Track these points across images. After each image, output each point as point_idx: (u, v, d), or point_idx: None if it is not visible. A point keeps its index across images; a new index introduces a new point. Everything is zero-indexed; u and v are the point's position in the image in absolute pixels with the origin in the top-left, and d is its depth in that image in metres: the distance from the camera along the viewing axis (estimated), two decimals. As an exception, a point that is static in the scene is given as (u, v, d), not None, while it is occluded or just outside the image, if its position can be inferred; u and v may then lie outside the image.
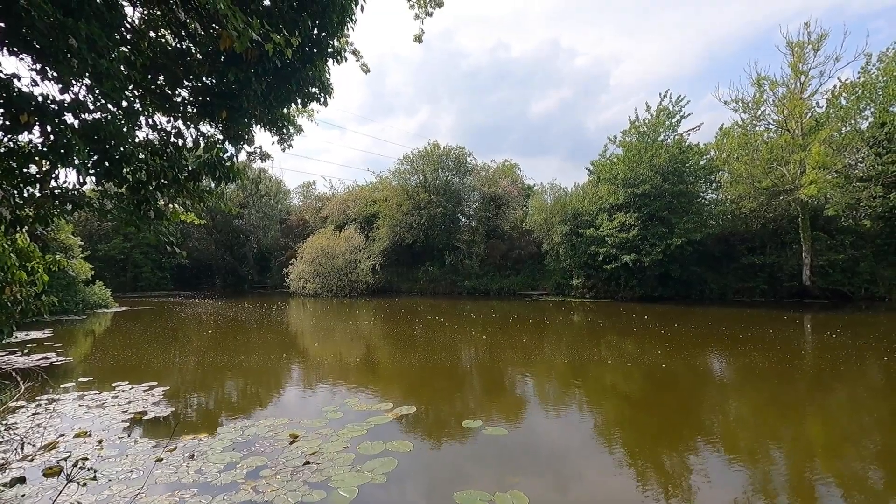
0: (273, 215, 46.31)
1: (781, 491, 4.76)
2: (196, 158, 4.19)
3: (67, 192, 3.53)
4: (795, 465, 5.42)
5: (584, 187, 30.37)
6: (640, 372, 9.86)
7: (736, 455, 5.68)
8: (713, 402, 8.12)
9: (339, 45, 4.50)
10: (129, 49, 3.90)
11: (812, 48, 22.90)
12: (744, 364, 10.51)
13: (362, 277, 34.18)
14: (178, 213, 4.26)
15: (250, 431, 6.36)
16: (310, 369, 11.06)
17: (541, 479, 5.02)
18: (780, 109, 24.16)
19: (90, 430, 6.44)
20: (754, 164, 24.26)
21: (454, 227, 36.41)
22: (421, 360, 11.55)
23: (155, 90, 4.30)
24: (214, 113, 4.17)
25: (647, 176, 24.99)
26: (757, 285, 24.99)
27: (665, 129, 26.35)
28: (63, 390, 8.51)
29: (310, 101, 4.44)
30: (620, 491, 4.81)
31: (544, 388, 9.20)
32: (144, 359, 11.61)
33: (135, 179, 3.77)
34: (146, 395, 8.22)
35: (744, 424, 6.99)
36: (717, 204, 28.10)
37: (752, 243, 26.05)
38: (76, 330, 17.29)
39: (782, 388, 8.61)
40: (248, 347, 13.49)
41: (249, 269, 45.46)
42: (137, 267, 41.02)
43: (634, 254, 24.69)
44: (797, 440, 6.28)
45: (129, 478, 4.95)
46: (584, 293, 28.37)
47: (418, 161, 36.52)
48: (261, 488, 4.68)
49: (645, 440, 6.30)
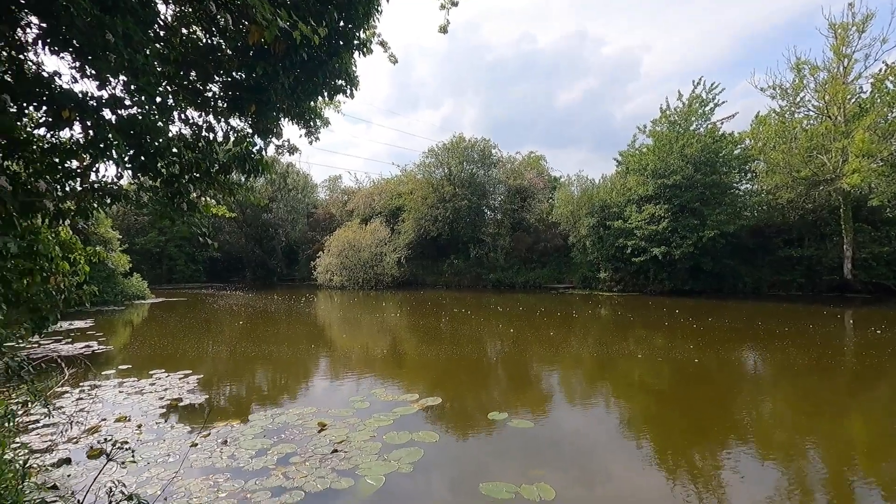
0: (300, 209, 47.15)
1: (818, 491, 4.59)
2: (226, 152, 4.28)
3: (106, 185, 3.66)
4: (834, 464, 5.22)
5: (611, 178, 29.80)
6: (670, 367, 9.65)
7: (771, 453, 5.50)
8: (748, 398, 7.88)
9: (366, 37, 4.49)
10: (162, 45, 3.99)
11: (856, 30, 21.79)
12: (780, 360, 10.16)
13: (388, 270, 34.47)
14: (210, 206, 4.37)
15: (280, 419, 6.51)
16: (337, 360, 11.24)
17: (567, 473, 4.98)
18: (822, 95, 23.10)
19: (130, 415, 6.72)
20: (792, 153, 23.29)
21: (479, 220, 36.31)
22: (446, 352, 11.59)
23: (187, 86, 4.40)
24: (244, 107, 4.24)
25: (679, 166, 24.33)
26: (794, 279, 24.10)
27: (698, 118, 25.56)
28: (104, 377, 8.89)
29: (336, 93, 4.46)
30: (649, 487, 4.73)
31: (571, 382, 9.11)
32: (180, 348, 12.02)
33: (169, 173, 3.88)
34: (181, 382, 8.51)
35: (780, 422, 6.76)
36: (751, 195, 27.17)
37: (788, 235, 25.11)
38: (116, 320, 18.02)
39: (821, 386, 8.29)
40: (277, 338, 13.80)
41: (278, 262, 46.46)
42: (172, 260, 42.50)
43: (664, 246, 24.12)
44: (836, 439, 6.04)
45: (167, 461, 5.15)
46: (612, 286, 27.92)
47: (443, 154, 36.48)
48: (291, 474, 4.80)
49: (675, 436, 6.17)
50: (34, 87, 3.22)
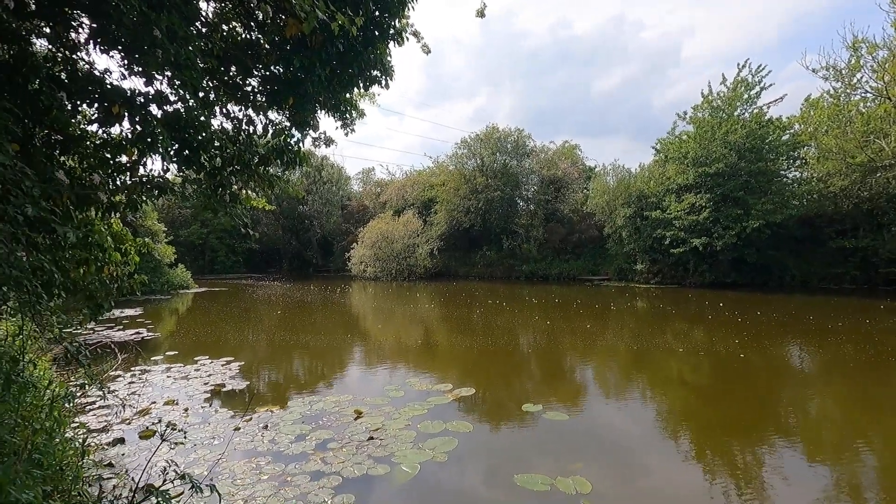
0: (335, 201, 47.93)
1: (869, 496, 4.36)
2: (265, 144, 4.38)
3: (153, 178, 3.81)
4: (887, 466, 4.93)
5: (649, 168, 28.90)
6: (712, 362, 9.34)
7: (818, 454, 5.26)
8: (795, 396, 7.55)
9: (400, 26, 4.48)
10: (204, 41, 4.09)
11: (922, 3, 20.19)
12: (832, 356, 9.67)
13: (420, 261, 34.68)
14: (251, 198, 4.49)
15: (318, 406, 6.68)
16: (372, 349, 11.42)
17: (603, 467, 4.91)
18: (881, 75, 21.55)
19: (177, 398, 7.04)
20: (847, 138, 21.91)
21: (512, 211, 35.99)
22: (479, 343, 11.59)
23: (227, 81, 4.51)
24: (282, 100, 4.32)
25: (721, 154, 23.32)
26: (847, 271, 22.82)
27: (742, 103, 24.37)
28: (153, 362, 9.34)
29: (371, 84, 4.48)
30: (687, 484, 4.61)
31: (606, 376, 8.95)
32: (222, 336, 12.48)
33: (211, 165, 4.01)
34: (224, 369, 8.84)
35: (829, 421, 6.45)
36: (800, 183, 25.74)
37: (841, 225, 23.72)
38: (162, 308, 18.88)
39: (876, 384, 7.84)
40: (314, 327, 14.14)
41: (314, 254, 47.50)
42: (213, 251, 44.13)
43: (705, 237, 23.25)
44: (891, 440, 5.71)
45: (212, 444, 5.37)
46: (649, 278, 27.18)
47: (476, 145, 36.25)
48: (329, 459, 4.92)
49: (716, 433, 5.98)
50: (87, 85, 3.37)
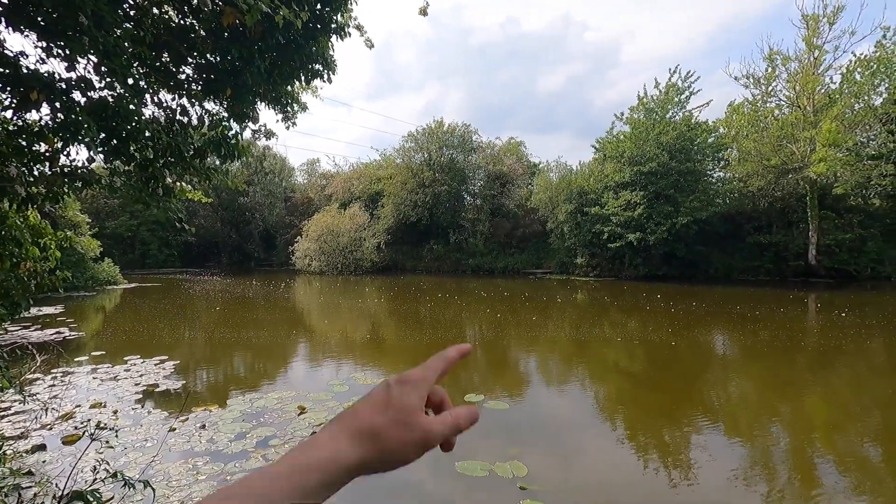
0: (278, 193, 46.41)
1: (780, 467, 4.87)
2: (202, 136, 4.24)
3: (77, 169, 3.59)
4: (795, 441, 5.52)
5: (589, 165, 30.12)
6: (644, 350, 9.98)
7: (736, 431, 5.80)
8: (718, 379, 8.23)
9: (343, 21, 4.46)
10: (133, 26, 3.90)
11: (827, 21, 22.34)
12: (750, 343, 10.60)
13: (367, 255, 34.36)
14: (186, 190, 4.32)
15: (259, 404, 6.54)
16: (316, 345, 11.27)
17: (541, 452, 5.17)
18: (793, 85, 23.71)
19: (105, 401, 6.65)
20: (764, 142, 23.93)
21: (459, 206, 36.37)
22: (426, 336, 11.72)
23: (159, 67, 4.31)
24: (219, 90, 4.19)
25: (654, 154, 24.73)
26: (762, 264, 24.96)
27: (674, 106, 25.94)
28: (77, 363, 8.74)
29: (314, 77, 4.44)
30: (621, 464, 4.95)
31: (547, 365, 9.35)
32: (155, 334, 11.85)
33: (142, 157, 3.83)
34: (157, 368, 8.43)
35: (747, 402, 7.10)
36: (724, 182, 27.82)
37: (758, 222, 25.90)
38: (87, 306, 17.60)
39: (786, 367, 8.70)
40: (255, 323, 13.72)
41: (255, 247, 45.81)
42: (145, 244, 41.47)
43: (639, 232, 24.63)
44: (798, 417, 6.38)
45: (144, 446, 5.15)
46: (589, 272, 28.43)
47: (423, 139, 36.26)
48: (270, 456, 4.86)
49: (648, 416, 6.43)
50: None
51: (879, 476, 4.66)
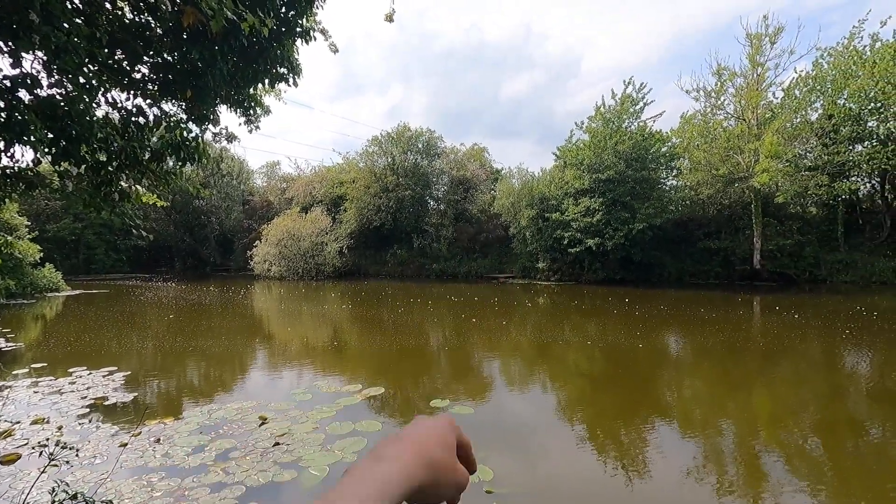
0: (236, 196, 45.00)
1: (729, 461, 5.14)
2: (159, 138, 4.08)
3: (21, 171, 3.38)
4: (742, 437, 5.83)
5: (550, 172, 30.77)
6: (603, 352, 10.27)
7: (689, 429, 6.07)
8: (670, 379, 8.58)
9: (308, 25, 4.41)
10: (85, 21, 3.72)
11: (769, 40, 23.77)
12: (700, 343, 11.10)
13: (329, 260, 33.80)
14: (142, 194, 4.14)
15: (218, 415, 6.32)
16: (277, 353, 10.98)
17: (505, 454, 5.24)
18: (738, 99, 25.08)
19: (48, 416, 6.25)
20: (712, 152, 25.22)
21: (423, 210, 36.37)
22: (389, 342, 11.64)
23: (113, 65, 4.13)
24: (178, 91, 4.05)
25: (612, 162, 25.56)
26: (712, 269, 26.21)
27: (629, 116, 26.89)
28: (14, 377, 8.18)
29: (278, 81, 4.35)
30: (582, 464, 5.08)
31: (510, 368, 9.47)
32: (103, 344, 11.23)
33: (94, 159, 3.64)
34: (106, 380, 8.00)
35: (698, 400, 7.44)
36: (676, 190, 29.08)
37: (708, 228, 27.22)
38: (25, 314, 16.48)
39: (734, 365, 9.16)
40: (212, 331, 13.23)
41: (211, 252, 44.21)
42: (90, 248, 39.23)
43: (598, 238, 25.36)
44: (745, 414, 6.74)
45: (94, 463, 4.87)
46: (550, 276, 29.01)
47: (387, 143, 36.13)
48: (231, 469, 4.70)
49: (606, 416, 6.63)
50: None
51: (821, 467, 4.98)
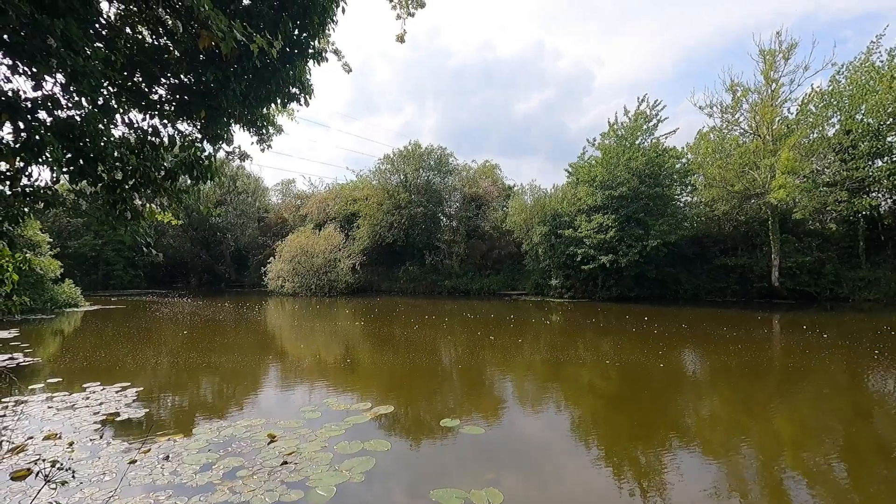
0: (251, 213, 45.65)
1: (751, 485, 4.95)
2: (174, 157, 4.16)
3: (40, 190, 3.47)
4: (764, 459, 5.63)
5: (563, 189, 30.73)
6: (617, 371, 10.08)
7: (709, 451, 5.87)
8: (688, 400, 8.36)
9: (320, 46, 4.50)
10: (104, 45, 3.84)
11: (783, 56, 23.66)
12: (718, 363, 10.83)
13: (342, 277, 33.95)
14: (155, 212, 4.21)
15: (227, 432, 6.30)
16: (288, 370, 10.98)
17: (517, 477, 5.12)
18: (753, 116, 24.91)
19: (60, 432, 6.30)
20: (727, 168, 24.96)
21: (435, 227, 36.47)
22: (400, 359, 11.57)
23: (131, 87, 4.24)
24: (193, 112, 4.14)
25: (625, 178, 25.45)
26: (729, 286, 25.71)
27: (642, 133, 26.84)
28: (31, 392, 8.28)
29: (290, 101, 4.43)
30: (596, 488, 4.94)
31: (523, 388, 9.33)
32: (117, 359, 11.35)
33: (110, 178, 3.72)
34: (118, 395, 8.06)
35: (717, 421, 7.22)
36: (691, 206, 28.77)
37: (724, 245, 26.80)
38: (44, 329, 16.77)
39: (754, 386, 8.90)
40: (225, 347, 13.30)
41: (226, 268, 44.76)
42: (109, 265, 40.00)
43: (612, 254, 25.12)
44: (766, 435, 6.52)
45: (102, 480, 4.87)
46: (563, 293, 28.74)
47: (399, 161, 36.49)
48: (237, 489, 4.66)
49: (621, 438, 6.46)
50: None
51: (847, 493, 4.77)
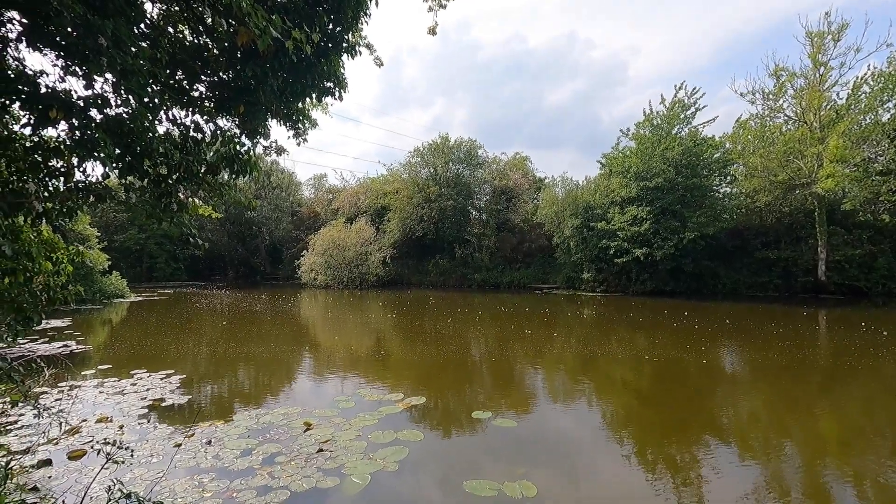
0: (285, 207, 46.73)
1: (793, 487, 4.76)
2: (214, 152, 4.29)
3: (92, 185, 3.64)
4: (807, 461, 5.41)
5: (595, 180, 30.15)
6: (652, 366, 9.86)
7: (747, 450, 5.68)
8: (726, 397, 8.10)
9: (354, 40, 4.53)
10: (149, 44, 3.97)
11: (832, 38, 22.43)
12: (759, 359, 10.45)
13: (373, 270, 34.39)
14: (197, 206, 4.37)
15: (265, 419, 6.51)
16: (321, 360, 11.23)
17: (549, 470, 5.09)
18: (799, 101, 23.75)
19: (111, 415, 6.64)
20: (770, 158, 23.90)
21: (464, 220, 36.43)
22: (431, 351, 11.65)
23: (173, 85, 4.38)
24: (231, 107, 4.25)
25: (660, 169, 24.74)
26: (771, 280, 24.71)
27: (679, 122, 25.99)
28: (83, 377, 8.75)
29: (325, 95, 4.49)
30: (629, 484, 4.86)
31: (554, 382, 9.25)
32: (161, 348, 11.87)
33: (156, 173, 3.87)
34: (163, 382, 8.43)
35: (756, 420, 6.98)
36: (730, 198, 27.70)
37: (766, 238, 25.73)
38: (94, 319, 17.68)
39: (797, 385, 8.55)
40: (261, 338, 13.71)
41: (261, 261, 46.04)
42: (152, 258, 41.80)
43: (646, 248, 24.52)
44: (810, 436, 6.26)
45: (150, 462, 5.12)
46: (595, 287, 28.27)
47: (429, 154, 36.55)
48: (276, 474, 4.81)
49: (655, 434, 6.32)
50: (16, 85, 3.19)
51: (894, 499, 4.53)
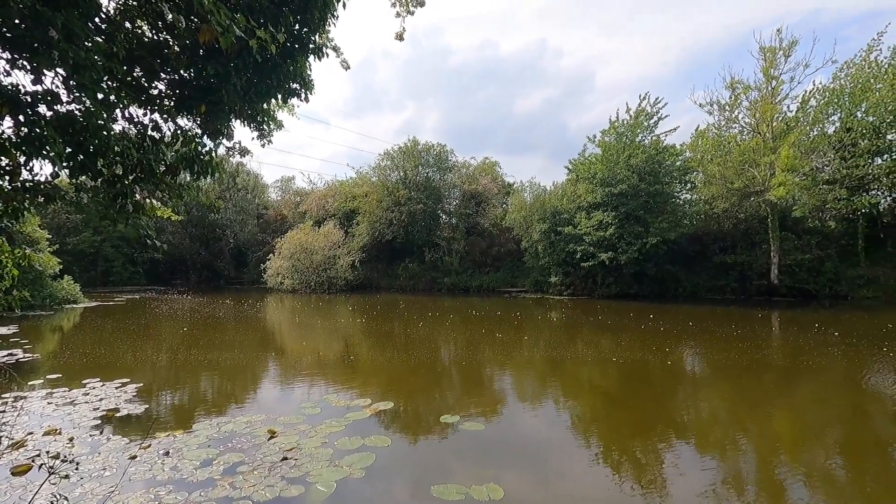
0: (250, 210, 45.63)
1: (749, 482, 4.96)
2: (174, 152, 4.15)
3: (40, 184, 3.46)
4: (763, 457, 5.64)
5: (562, 186, 30.71)
6: (616, 368, 10.09)
7: (708, 448, 5.89)
8: (687, 397, 8.38)
9: (321, 41, 4.49)
10: (104, 39, 3.82)
11: (783, 54, 23.63)
12: (717, 360, 10.85)
13: (341, 274, 33.96)
14: (156, 208, 4.21)
15: (227, 428, 6.31)
16: (287, 366, 10.99)
17: (517, 472, 5.13)
18: (753, 113, 24.89)
19: (60, 427, 6.30)
20: (727, 166, 24.95)
21: (434, 224, 36.47)
22: (400, 356, 11.58)
23: (131, 82, 4.22)
24: (193, 106, 4.12)
25: (625, 176, 25.42)
26: (728, 283, 25.74)
27: (643, 130, 26.80)
28: (30, 388, 8.28)
29: (290, 96, 4.42)
30: (595, 484, 4.95)
31: (522, 384, 9.34)
32: (117, 356, 11.35)
33: (110, 173, 3.71)
34: (118, 391, 8.06)
35: (716, 419, 7.24)
36: (691, 204, 28.73)
37: (723, 243, 26.81)
38: (43, 326, 16.76)
39: (752, 384, 8.92)
40: (225, 344, 13.31)
41: (225, 265, 44.73)
42: (108, 261, 39.99)
43: (611, 252, 25.11)
44: (765, 433, 6.53)
45: (102, 475, 4.88)
46: (562, 290, 28.75)
47: (399, 157, 36.44)
48: (238, 484, 4.67)
49: (621, 434, 6.47)
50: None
51: (845, 490, 4.78)
